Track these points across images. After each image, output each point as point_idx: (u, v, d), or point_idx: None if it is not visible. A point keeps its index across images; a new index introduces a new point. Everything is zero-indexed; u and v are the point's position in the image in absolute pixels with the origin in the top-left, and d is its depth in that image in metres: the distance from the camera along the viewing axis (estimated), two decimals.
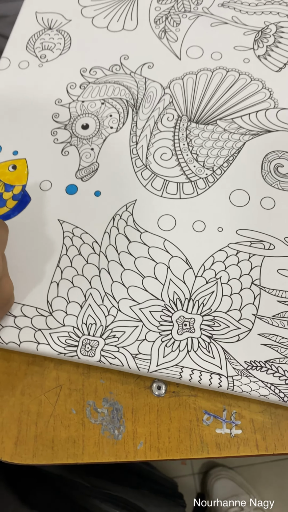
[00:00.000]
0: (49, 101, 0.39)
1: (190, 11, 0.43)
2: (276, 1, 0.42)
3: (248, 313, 0.31)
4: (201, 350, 0.30)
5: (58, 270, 0.33)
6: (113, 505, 0.56)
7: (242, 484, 0.91)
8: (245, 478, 0.92)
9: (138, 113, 0.38)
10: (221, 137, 0.37)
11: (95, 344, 0.31)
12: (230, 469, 0.94)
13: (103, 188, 0.36)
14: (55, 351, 0.30)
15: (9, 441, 0.30)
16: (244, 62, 0.40)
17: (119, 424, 0.30)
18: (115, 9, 0.43)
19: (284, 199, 0.34)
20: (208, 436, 0.30)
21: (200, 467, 0.96)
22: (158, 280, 0.32)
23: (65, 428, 0.30)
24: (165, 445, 0.30)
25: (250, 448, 0.29)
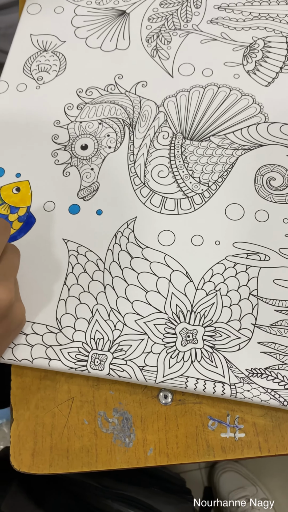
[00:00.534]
0: (48, 122, 0.41)
1: (180, 28, 0.44)
2: (263, 16, 0.44)
3: (247, 323, 0.33)
4: (205, 360, 0.32)
5: (65, 287, 0.35)
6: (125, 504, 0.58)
7: (247, 476, 0.94)
8: (250, 470, 0.95)
9: (134, 132, 0.40)
10: (215, 153, 0.38)
11: (103, 358, 0.32)
12: (235, 462, 0.96)
13: (105, 207, 0.37)
14: (66, 366, 0.32)
15: (26, 452, 0.32)
16: (234, 77, 0.41)
17: (129, 433, 0.32)
18: (107, 29, 0.45)
19: (277, 211, 0.36)
20: (214, 440, 0.32)
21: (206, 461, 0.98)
22: (161, 294, 0.34)
23: (78, 438, 0.32)
24: (173, 451, 0.31)
25: (254, 450, 0.31)
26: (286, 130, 0.39)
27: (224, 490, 0.91)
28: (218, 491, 0.92)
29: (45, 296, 0.35)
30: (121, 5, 0.46)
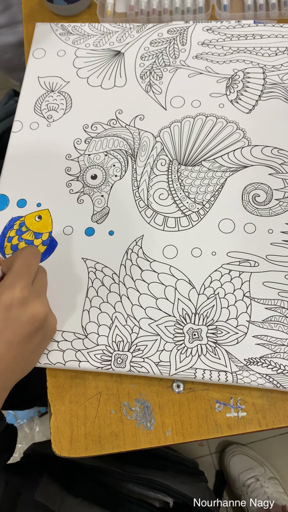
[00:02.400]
0: (61, 156, 0.47)
1: (169, 64, 0.50)
2: (241, 50, 0.50)
3: (243, 320, 0.39)
4: (209, 354, 0.38)
5: (87, 300, 0.41)
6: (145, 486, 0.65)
7: (255, 458, 1.00)
8: (257, 452, 1.02)
9: (136, 161, 0.46)
10: (206, 176, 0.44)
11: (124, 357, 0.39)
12: (243, 446, 1.03)
13: (116, 228, 0.43)
14: (93, 366, 0.39)
15: (65, 440, 0.39)
16: (220, 107, 0.47)
17: (150, 418, 0.39)
18: (105, 68, 0.51)
19: (263, 223, 0.42)
20: (221, 419, 0.38)
21: (216, 446, 1.05)
22: (169, 300, 0.40)
23: (107, 425, 0.39)
24: (188, 430, 0.38)
25: (254, 426, 0.38)
26: (267, 152, 0.45)
27: (235, 472, 0.98)
28: (228, 473, 0.98)
29: (71, 308, 0.41)
30: (116, 46, 0.52)
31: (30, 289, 0.35)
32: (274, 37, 0.50)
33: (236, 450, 1.02)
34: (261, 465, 0.99)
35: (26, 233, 0.44)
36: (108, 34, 0.53)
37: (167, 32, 0.52)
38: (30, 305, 0.34)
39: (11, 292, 0.33)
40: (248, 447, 1.03)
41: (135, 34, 0.52)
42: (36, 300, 0.35)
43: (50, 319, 0.37)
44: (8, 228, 0.44)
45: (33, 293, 0.35)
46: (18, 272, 0.35)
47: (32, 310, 0.34)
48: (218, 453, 1.05)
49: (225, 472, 1.00)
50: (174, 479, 0.66)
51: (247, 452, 1.01)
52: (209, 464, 1.04)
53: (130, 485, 0.65)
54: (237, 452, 1.01)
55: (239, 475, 0.97)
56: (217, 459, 1.04)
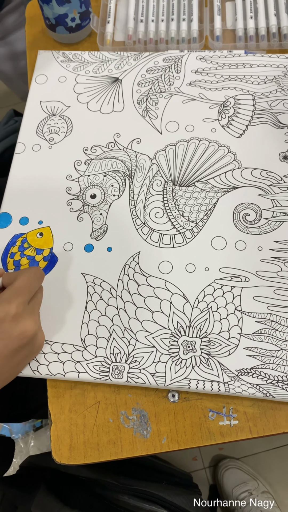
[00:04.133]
0: (62, 177, 0.49)
1: (165, 91, 0.53)
2: (232, 78, 0.53)
3: (234, 333, 0.41)
4: (203, 365, 0.40)
5: (86, 313, 0.43)
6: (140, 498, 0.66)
7: (248, 472, 1.01)
8: (251, 466, 1.02)
9: (133, 181, 0.48)
10: (199, 196, 0.47)
11: (122, 368, 0.41)
12: (237, 460, 1.04)
13: (114, 244, 0.46)
14: (92, 377, 0.40)
15: (64, 448, 0.40)
16: (212, 131, 0.50)
17: (146, 426, 0.40)
18: (104, 94, 0.54)
19: (253, 241, 0.45)
20: (214, 427, 0.40)
21: (210, 461, 1.05)
22: (164, 314, 0.43)
23: (105, 433, 0.40)
24: (182, 438, 0.40)
25: (246, 433, 0.39)
26: (257, 174, 0.48)
27: (228, 486, 0.99)
28: (222, 487, 0.99)
29: (70, 321, 0.43)
30: (114, 73, 0.55)
31: (25, 307, 0.37)
32: (263, 67, 0.54)
33: (229, 464, 1.03)
34: (254, 479, 1.00)
35: (28, 249, 0.46)
36: (107, 62, 0.56)
37: (163, 61, 0.55)
38: (22, 322, 0.36)
39: (7, 306, 0.35)
40: (242, 461, 1.04)
41: (133, 62, 0.55)
42: (29, 317, 0.37)
43: (38, 336, 0.40)
44: (11, 244, 0.46)
45: (27, 311, 0.37)
46: (18, 289, 0.37)
47: (23, 326, 0.36)
48: (212, 467, 1.06)
49: (219, 486, 1.01)
50: (169, 491, 0.67)
51: (241, 466, 1.02)
52: (203, 479, 1.04)
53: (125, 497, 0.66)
54: (230, 466, 1.02)
55: (233, 489, 0.98)
56: (211, 473, 1.05)
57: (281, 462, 1.04)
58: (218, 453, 1.06)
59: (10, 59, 0.91)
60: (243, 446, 1.07)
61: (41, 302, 0.41)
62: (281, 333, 0.41)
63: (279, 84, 0.52)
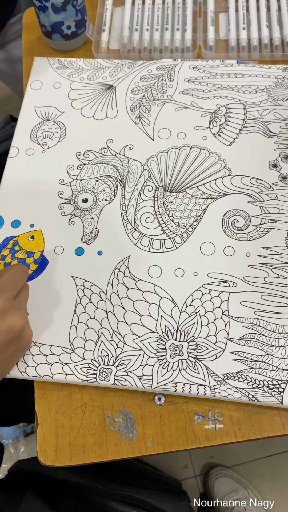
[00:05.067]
0: (54, 181, 0.50)
1: (157, 99, 0.54)
2: (224, 87, 0.54)
3: (221, 337, 0.42)
4: (189, 368, 0.41)
5: (75, 316, 0.43)
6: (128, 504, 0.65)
7: (239, 480, 1.01)
8: (241, 475, 1.02)
9: (125, 187, 0.49)
10: (189, 202, 0.48)
11: (109, 371, 0.41)
12: (227, 468, 1.04)
13: (104, 248, 0.46)
14: (79, 379, 0.41)
15: (50, 449, 0.40)
16: (203, 139, 0.51)
17: (132, 429, 0.40)
18: (98, 100, 0.55)
19: (241, 247, 0.45)
20: (199, 431, 0.40)
21: (200, 469, 1.05)
22: (152, 317, 0.43)
23: (91, 435, 0.41)
24: (168, 441, 0.40)
25: (230, 437, 0.40)
26: (246, 181, 0.48)
27: (218, 494, 0.98)
28: (212, 496, 0.99)
29: (59, 323, 0.43)
30: (108, 80, 0.56)
31: (11, 302, 0.37)
32: (255, 77, 0.55)
33: (220, 472, 1.02)
34: (245, 488, 1.00)
35: (19, 252, 0.47)
36: (101, 69, 0.57)
37: (156, 69, 0.56)
38: (8, 317, 0.36)
39: None
40: (233, 470, 1.04)
41: (127, 70, 0.56)
42: (15, 313, 0.37)
43: (26, 331, 0.40)
44: (2, 247, 0.47)
45: (13, 306, 0.37)
46: (3, 285, 0.37)
47: (9, 321, 0.36)
48: (203, 475, 1.05)
49: (209, 494, 1.00)
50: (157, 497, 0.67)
51: (231, 474, 1.02)
52: (194, 487, 1.04)
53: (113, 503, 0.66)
54: (221, 474, 1.02)
55: (223, 497, 0.98)
56: (201, 481, 1.05)
57: (272, 471, 1.04)
58: (209, 461, 1.06)
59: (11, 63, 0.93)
60: (235, 454, 1.06)
61: (27, 299, 0.41)
62: (267, 338, 0.41)
63: (270, 94, 0.53)
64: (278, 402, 0.39)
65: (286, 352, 0.41)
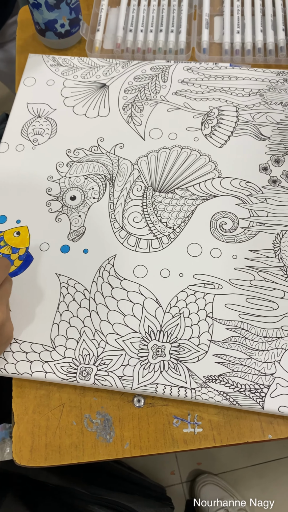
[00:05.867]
0: (43, 178, 0.50)
1: (150, 99, 0.54)
2: (218, 89, 0.54)
3: (204, 339, 0.41)
4: (171, 370, 0.40)
5: (57, 313, 0.43)
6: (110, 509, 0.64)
7: (226, 488, 1.00)
8: (228, 483, 1.01)
9: (114, 185, 0.49)
10: (178, 203, 0.47)
11: (90, 370, 0.40)
12: (214, 475, 1.02)
13: (90, 246, 0.46)
14: (59, 378, 0.40)
15: (25, 449, 0.39)
16: (194, 140, 0.51)
17: (110, 430, 0.40)
18: (91, 99, 0.54)
19: (228, 249, 0.45)
20: (178, 434, 0.39)
21: (187, 475, 1.04)
22: (136, 317, 0.42)
23: (68, 436, 0.40)
24: (145, 444, 0.39)
25: (209, 442, 0.39)
26: (236, 184, 0.48)
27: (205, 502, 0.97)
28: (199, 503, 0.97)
29: (41, 320, 0.42)
30: (102, 79, 0.56)
31: None
32: (248, 80, 0.54)
33: (207, 480, 1.01)
34: (232, 496, 0.98)
35: (4, 247, 0.46)
36: (95, 68, 0.57)
37: (150, 69, 0.56)
38: None
39: None
40: (220, 477, 1.03)
41: (121, 69, 0.56)
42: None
43: (7, 326, 0.39)
44: None
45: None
46: None
47: None
48: (189, 482, 1.04)
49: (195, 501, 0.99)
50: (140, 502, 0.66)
51: (218, 482, 1.01)
52: (180, 493, 1.03)
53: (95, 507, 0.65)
54: (208, 482, 1.01)
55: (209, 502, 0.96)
56: (188, 488, 1.03)
57: (259, 479, 1.03)
58: (196, 468, 1.05)
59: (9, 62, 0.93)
60: (222, 462, 1.05)
61: (10, 293, 0.41)
62: (251, 342, 0.41)
63: (263, 98, 0.53)
64: (260, 406, 0.38)
65: (269, 356, 0.40)
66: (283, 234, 0.45)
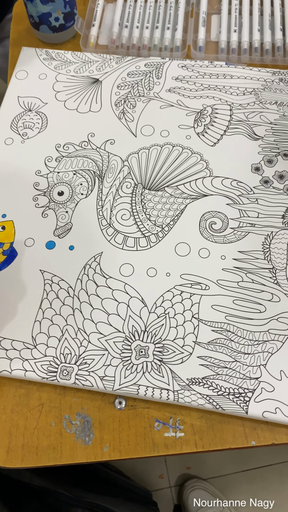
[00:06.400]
0: (31, 172, 0.49)
1: (143, 95, 0.53)
2: (212, 87, 0.53)
3: (189, 341, 0.40)
4: (154, 371, 0.39)
5: (40, 311, 0.42)
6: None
7: (215, 493, 0.98)
8: (217, 488, 1.00)
9: (103, 182, 0.48)
10: (168, 201, 0.46)
11: (70, 370, 0.39)
12: (203, 480, 1.01)
13: (76, 243, 0.45)
14: (39, 377, 0.39)
15: (1, 450, 0.38)
16: (187, 138, 0.50)
17: (89, 433, 0.39)
18: (83, 94, 0.54)
19: (217, 249, 0.44)
20: (158, 438, 0.38)
21: (176, 480, 1.03)
22: (120, 317, 0.41)
23: (46, 437, 0.39)
24: (125, 447, 0.38)
25: (191, 447, 0.38)
26: (227, 183, 0.47)
27: (193, 507, 0.96)
28: (186, 508, 0.96)
29: (23, 317, 0.41)
30: (95, 74, 0.55)
31: None
32: (243, 79, 0.54)
33: (195, 484, 1.00)
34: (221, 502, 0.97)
35: None
36: (89, 63, 0.56)
37: (144, 66, 0.55)
38: None
39: None
40: (209, 482, 1.02)
41: (114, 65, 0.55)
42: None
43: None
44: None
45: None
46: None
47: None
48: (178, 486, 1.03)
49: (183, 507, 0.98)
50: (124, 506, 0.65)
51: (207, 487, 0.99)
52: (168, 498, 1.01)
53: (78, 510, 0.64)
54: (196, 487, 0.99)
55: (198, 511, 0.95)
56: (176, 492, 1.02)
57: (248, 485, 1.02)
58: (185, 472, 1.04)
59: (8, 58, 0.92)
60: (212, 467, 1.04)
61: None
62: (236, 344, 0.40)
63: (257, 97, 0.52)
64: (243, 411, 0.37)
65: (255, 359, 0.39)
66: (273, 236, 0.44)
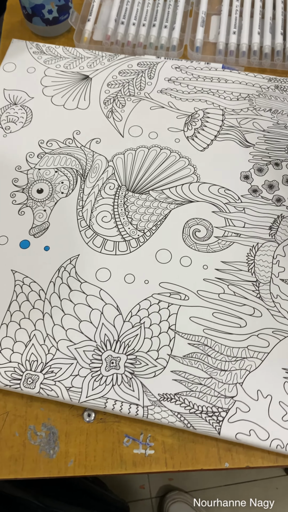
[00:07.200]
0: (10, 167, 0.47)
1: (134, 95, 0.51)
2: (205, 91, 0.51)
3: (164, 353, 0.38)
4: (124, 384, 0.37)
5: (8, 313, 0.40)
6: None
7: (196, 507, 0.96)
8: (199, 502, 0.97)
9: (85, 181, 0.46)
10: (152, 205, 0.44)
11: (35, 378, 0.37)
12: (185, 493, 0.99)
13: (52, 244, 0.43)
14: (1, 384, 0.37)
15: None
16: (175, 141, 0.48)
17: (54, 445, 0.36)
18: (71, 90, 0.52)
19: (199, 258, 0.42)
20: (127, 455, 0.36)
21: (157, 491, 1.00)
22: (93, 324, 0.39)
23: (8, 448, 0.36)
24: (91, 463, 0.36)
25: (160, 466, 0.36)
26: (214, 190, 0.45)
27: None
28: None
29: None
30: (85, 70, 0.53)
31: None
32: (238, 83, 0.52)
33: (177, 497, 0.97)
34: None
35: None
36: (80, 59, 0.54)
37: (137, 65, 0.53)
38: None
39: None
40: (190, 495, 0.99)
41: (106, 62, 0.53)
42: None
43: None
44: None
45: None
46: None
47: None
48: (159, 497, 1.00)
49: None
50: None
51: (188, 500, 0.97)
52: (148, 509, 0.99)
53: None
54: (178, 499, 0.97)
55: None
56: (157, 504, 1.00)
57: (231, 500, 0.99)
58: (167, 483, 1.01)
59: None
60: (194, 480, 1.02)
61: None
62: (213, 360, 0.38)
63: (251, 103, 0.50)
64: (216, 431, 0.35)
65: (231, 377, 0.37)
66: (258, 247, 0.42)
